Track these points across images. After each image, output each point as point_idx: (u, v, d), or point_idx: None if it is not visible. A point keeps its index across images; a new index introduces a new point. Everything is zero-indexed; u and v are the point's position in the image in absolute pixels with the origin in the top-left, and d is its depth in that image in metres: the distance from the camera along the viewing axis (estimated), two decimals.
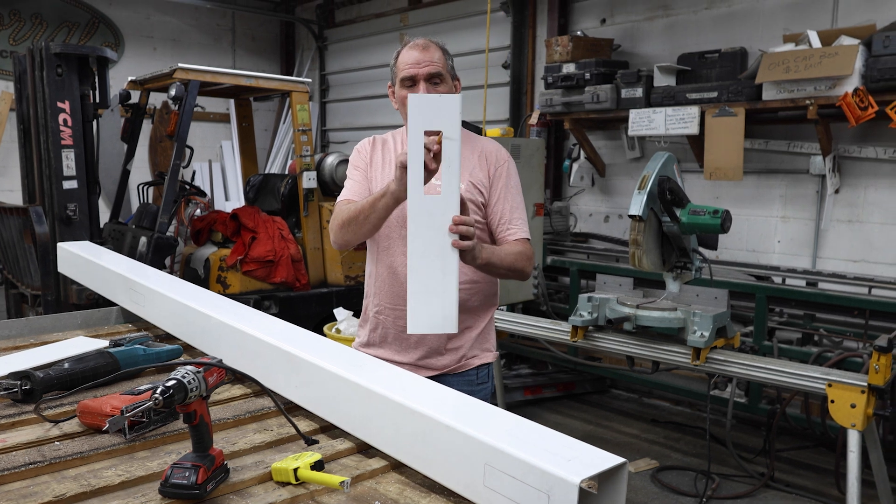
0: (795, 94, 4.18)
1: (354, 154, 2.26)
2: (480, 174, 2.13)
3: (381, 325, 2.17)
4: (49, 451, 1.42)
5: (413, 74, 2.07)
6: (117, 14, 7.95)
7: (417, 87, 2.06)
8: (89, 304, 4.19)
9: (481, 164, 2.14)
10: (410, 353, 2.14)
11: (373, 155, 2.21)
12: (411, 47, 2.11)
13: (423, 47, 2.10)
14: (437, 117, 1.76)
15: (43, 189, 4.58)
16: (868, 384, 2.60)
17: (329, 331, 4.76)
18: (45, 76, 4.41)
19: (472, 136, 2.21)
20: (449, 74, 2.12)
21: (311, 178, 5.43)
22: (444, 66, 2.10)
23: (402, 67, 2.10)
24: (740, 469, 4.08)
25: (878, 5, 4.36)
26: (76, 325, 2.48)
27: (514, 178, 2.18)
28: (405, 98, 2.06)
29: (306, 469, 1.32)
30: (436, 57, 2.09)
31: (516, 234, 2.13)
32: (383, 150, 2.21)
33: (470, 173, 2.12)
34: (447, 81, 2.12)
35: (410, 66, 2.07)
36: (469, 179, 2.11)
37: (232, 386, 1.84)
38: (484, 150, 2.17)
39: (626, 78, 5.00)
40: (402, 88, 2.10)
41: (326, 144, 8.78)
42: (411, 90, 2.06)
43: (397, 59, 2.14)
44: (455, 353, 2.15)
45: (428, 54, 2.08)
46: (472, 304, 2.14)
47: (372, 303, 2.22)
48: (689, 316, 2.91)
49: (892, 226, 4.40)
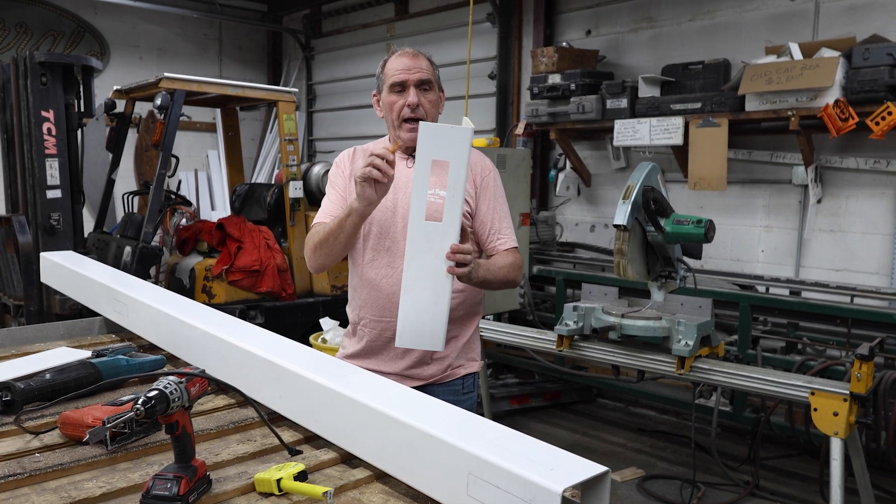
0: (778, 106, 4.23)
1: (333, 169, 2.25)
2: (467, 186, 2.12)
3: (366, 337, 2.16)
4: (29, 463, 1.40)
5: (403, 80, 2.08)
6: (103, 23, 7.92)
7: (407, 92, 2.07)
8: (72, 314, 4.15)
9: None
10: (396, 364, 2.13)
11: (352, 168, 2.19)
12: (401, 55, 2.12)
13: (413, 55, 2.12)
14: (447, 147, 1.79)
15: (26, 198, 4.54)
16: (850, 392, 2.62)
17: (315, 341, 4.74)
18: (28, 85, 4.38)
19: None
20: (436, 83, 2.14)
21: (298, 187, 5.42)
22: (432, 74, 2.13)
23: (390, 73, 2.10)
24: (726, 477, 4.09)
25: (858, 19, 4.43)
26: (58, 336, 2.45)
27: (499, 187, 2.20)
28: (393, 103, 2.09)
29: (289, 480, 1.32)
30: (424, 65, 2.11)
31: (505, 243, 2.15)
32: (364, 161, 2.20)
33: None
34: (435, 90, 2.13)
35: (400, 71, 2.08)
36: None
37: (216, 396, 1.83)
38: (473, 161, 2.16)
39: (612, 89, 5.04)
40: (391, 94, 2.11)
41: (313, 154, 8.78)
42: (400, 95, 2.08)
43: (385, 66, 2.15)
44: (441, 362, 2.15)
45: (417, 61, 2.10)
46: (458, 314, 2.13)
47: (356, 314, 2.21)
48: (674, 325, 2.93)
49: (873, 235, 4.45)
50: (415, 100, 2.08)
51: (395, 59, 2.12)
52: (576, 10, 5.96)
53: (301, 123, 8.57)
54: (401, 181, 2.10)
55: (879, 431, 3.32)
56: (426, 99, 2.10)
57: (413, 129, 2.06)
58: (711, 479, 4.13)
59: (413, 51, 2.14)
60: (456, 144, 1.78)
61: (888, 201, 4.37)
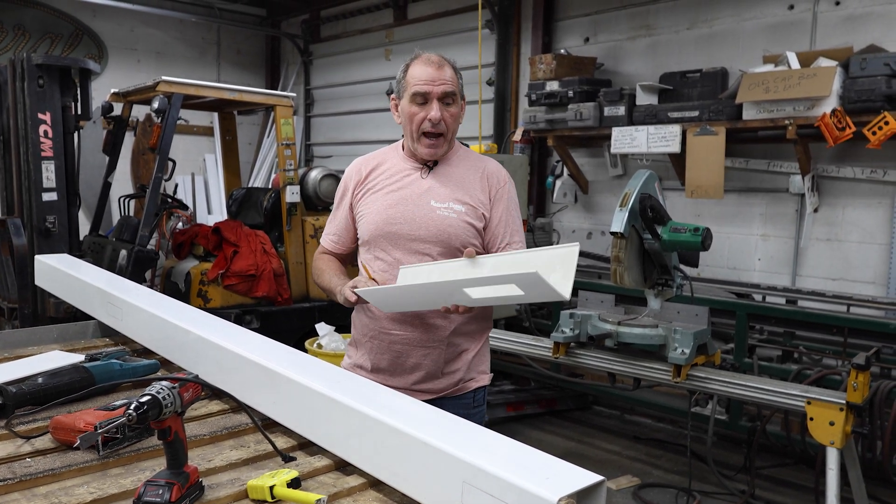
0: (775, 114, 4.24)
1: (343, 180, 2.19)
2: (482, 195, 2.08)
3: (374, 350, 2.11)
4: (20, 468, 1.39)
5: (427, 91, 1.98)
6: (101, 26, 7.92)
7: (430, 105, 1.98)
8: (67, 317, 4.12)
9: (482, 184, 2.10)
10: (406, 378, 2.08)
11: (366, 180, 2.14)
12: (425, 63, 2.01)
13: (438, 65, 2.00)
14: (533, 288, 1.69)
15: (22, 201, 4.53)
16: (846, 402, 2.62)
17: (311, 346, 4.72)
18: (25, 87, 4.37)
19: (473, 155, 2.18)
20: (459, 94, 2.06)
21: (295, 192, 5.41)
22: (456, 85, 2.03)
23: (413, 81, 2.00)
24: (721, 486, 4.08)
25: (855, 29, 4.45)
26: (52, 339, 2.44)
27: (514, 199, 2.15)
28: (413, 115, 2.01)
29: (283, 487, 1.31)
30: (449, 75, 2.01)
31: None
32: (378, 173, 2.14)
33: (470, 194, 2.07)
34: (458, 102, 2.05)
35: (425, 82, 1.98)
36: (468, 201, 2.06)
37: (209, 402, 1.82)
38: (486, 170, 2.12)
39: (609, 96, 5.05)
40: (412, 104, 2.01)
41: (310, 159, 8.77)
42: (421, 108, 1.99)
43: (407, 71, 2.04)
44: (452, 376, 2.11)
45: (443, 72, 2.00)
46: (469, 328, 2.11)
47: (360, 331, 2.16)
48: (670, 333, 2.92)
49: (870, 244, 4.46)
50: (437, 115, 1.99)
51: (420, 66, 2.01)
52: (574, 17, 5.97)
53: (299, 128, 8.57)
54: (414, 193, 2.05)
55: (875, 441, 3.31)
56: (448, 113, 2.01)
57: (433, 144, 2.02)
58: (707, 488, 4.12)
59: (439, 58, 2.02)
60: (547, 296, 1.67)
61: (885, 211, 4.38)
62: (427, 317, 2.03)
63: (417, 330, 2.04)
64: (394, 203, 2.06)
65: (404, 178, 2.09)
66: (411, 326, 2.04)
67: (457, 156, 2.14)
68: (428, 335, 2.05)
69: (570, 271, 1.62)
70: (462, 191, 2.06)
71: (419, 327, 2.04)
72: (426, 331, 2.05)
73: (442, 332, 2.06)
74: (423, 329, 2.04)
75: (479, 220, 2.06)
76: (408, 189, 2.07)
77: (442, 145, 2.05)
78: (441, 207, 2.02)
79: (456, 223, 2.02)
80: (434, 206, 2.02)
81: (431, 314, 2.02)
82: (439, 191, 2.05)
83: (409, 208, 2.04)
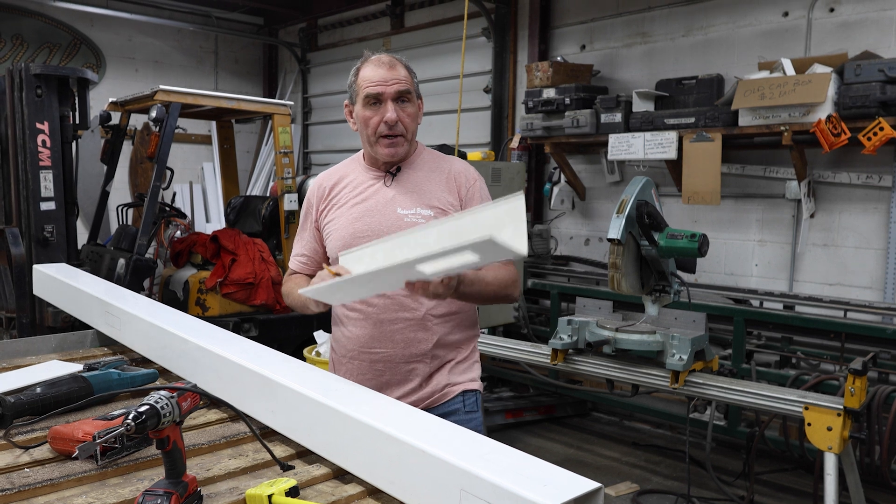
0: (770, 121, 4.26)
1: (306, 198, 2.13)
2: (449, 196, 2.00)
3: (355, 371, 2.03)
4: (18, 479, 1.39)
5: (379, 93, 1.91)
6: (99, 35, 7.94)
7: (384, 107, 1.91)
8: (65, 327, 4.13)
9: (449, 185, 2.02)
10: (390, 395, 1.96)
11: (329, 196, 2.07)
12: (376, 64, 1.94)
13: (390, 65, 1.94)
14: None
15: (20, 210, 4.53)
16: (844, 407, 2.62)
17: (309, 354, 4.72)
18: (24, 97, 4.39)
19: (437, 156, 2.11)
20: (415, 93, 1.99)
21: (293, 200, 5.42)
22: (411, 83, 1.96)
23: (364, 84, 1.93)
24: (720, 492, 4.08)
25: (850, 35, 4.47)
26: (50, 349, 2.44)
27: (486, 196, 2.05)
28: (368, 118, 1.94)
29: (281, 496, 1.31)
30: (402, 74, 1.95)
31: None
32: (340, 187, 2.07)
33: (437, 197, 1.99)
34: (414, 101, 1.98)
35: (377, 83, 1.91)
36: (436, 204, 1.98)
37: (208, 411, 1.82)
38: (452, 170, 2.04)
39: (606, 103, 5.07)
40: (366, 108, 1.94)
41: (308, 167, 8.79)
42: (375, 110, 1.92)
43: (357, 75, 1.97)
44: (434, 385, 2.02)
45: (395, 71, 1.93)
46: (453, 338, 2.04)
47: (339, 352, 2.10)
48: (668, 339, 2.93)
49: (866, 250, 4.47)
50: (393, 115, 1.91)
51: (370, 68, 1.94)
52: (570, 25, 6.00)
53: (296, 136, 8.59)
54: (379, 203, 1.98)
55: (873, 446, 3.32)
56: (405, 113, 1.94)
57: (392, 143, 1.94)
58: (706, 494, 4.11)
59: (389, 58, 1.96)
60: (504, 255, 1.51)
61: (880, 216, 4.39)
62: (408, 331, 1.97)
63: (399, 346, 1.97)
64: (359, 216, 1.99)
65: (368, 189, 2.02)
66: (392, 343, 1.98)
67: (420, 159, 2.07)
68: (409, 350, 1.97)
69: (520, 224, 1.52)
70: (428, 195, 1.98)
71: (400, 343, 1.98)
72: (408, 345, 1.98)
73: (425, 346, 1.99)
74: (404, 345, 1.98)
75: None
76: (372, 199, 2.00)
77: (402, 144, 1.97)
78: (408, 214, 1.95)
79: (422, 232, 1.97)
80: (401, 213, 1.95)
81: (411, 329, 1.96)
82: (404, 198, 1.98)
83: (374, 219, 1.97)
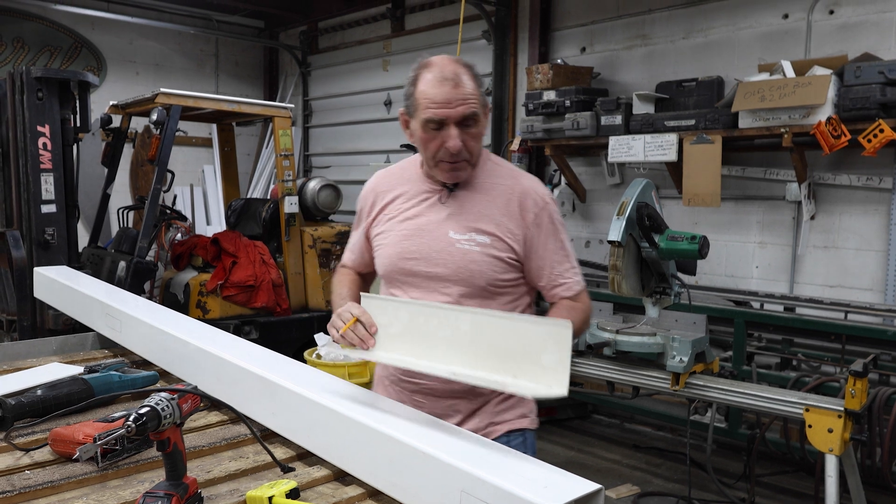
0: (771, 123, 4.26)
1: (360, 197, 1.94)
2: (511, 223, 1.76)
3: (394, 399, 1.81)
4: (19, 481, 1.39)
5: (443, 118, 1.65)
6: (100, 39, 7.95)
7: (447, 132, 1.66)
8: (66, 329, 4.12)
9: (511, 209, 1.77)
10: None
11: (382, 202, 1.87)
12: (438, 79, 1.65)
13: (454, 82, 1.64)
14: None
15: (21, 213, 4.53)
16: (845, 409, 2.62)
17: (310, 356, 4.72)
18: (25, 100, 4.39)
19: (503, 171, 1.83)
20: (481, 105, 1.71)
21: (293, 202, 5.42)
22: (478, 100, 1.69)
23: (425, 104, 1.66)
24: (721, 495, 4.08)
25: (850, 37, 4.47)
26: (51, 351, 2.45)
27: (556, 222, 1.80)
28: (427, 141, 1.70)
29: (281, 497, 1.31)
30: (469, 90, 1.66)
31: (569, 288, 1.79)
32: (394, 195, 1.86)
33: (496, 222, 1.75)
34: (481, 120, 1.71)
35: (440, 105, 1.64)
36: (494, 231, 1.75)
37: (208, 413, 1.82)
38: (518, 190, 1.78)
39: (606, 105, 5.07)
40: (426, 130, 1.69)
41: (309, 169, 8.79)
42: (437, 133, 1.67)
43: (416, 87, 1.69)
44: (476, 421, 1.81)
45: (460, 90, 1.65)
46: None
47: (381, 370, 1.93)
48: (669, 341, 2.93)
49: (867, 251, 4.47)
50: (457, 144, 1.66)
51: (431, 83, 1.66)
52: (570, 27, 6.00)
53: (297, 139, 8.59)
54: (431, 222, 1.78)
55: (874, 448, 3.31)
56: (470, 136, 1.69)
57: (454, 168, 1.72)
58: (707, 496, 4.11)
59: (454, 68, 1.66)
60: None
61: (881, 218, 4.39)
62: None
63: (440, 378, 1.65)
64: (409, 233, 1.80)
65: (421, 203, 1.81)
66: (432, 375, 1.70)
67: (484, 172, 1.81)
68: (450, 384, 1.68)
69: (564, 356, 1.35)
70: (486, 218, 1.75)
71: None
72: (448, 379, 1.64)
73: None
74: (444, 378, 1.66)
75: (508, 252, 1.75)
76: (424, 217, 1.79)
77: (465, 169, 1.75)
78: (461, 240, 1.74)
79: (479, 258, 1.73)
80: (453, 238, 1.74)
81: None
82: (459, 219, 1.76)
83: (424, 240, 1.77)
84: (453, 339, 1.44)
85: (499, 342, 1.38)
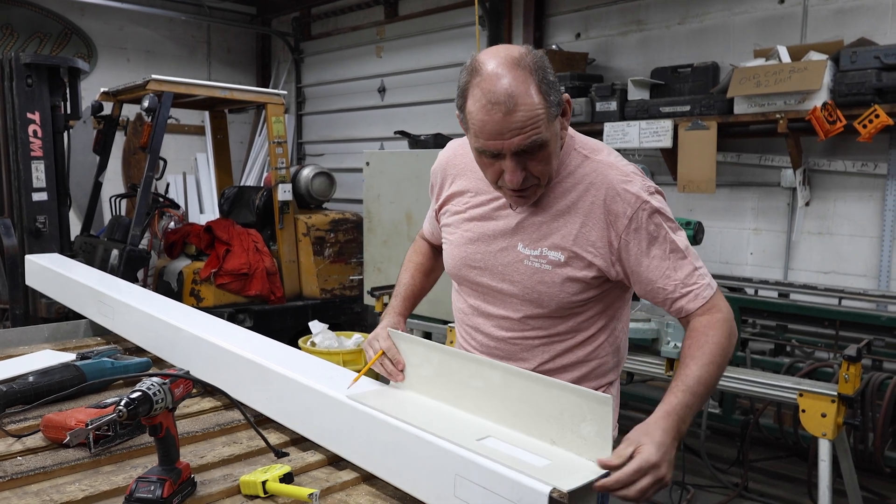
0: (766, 108, 4.25)
1: (434, 170, 1.74)
2: (593, 234, 1.46)
3: None
4: (11, 467, 1.39)
5: (494, 151, 1.37)
6: (90, 25, 7.88)
7: (505, 162, 1.37)
8: (59, 317, 4.11)
9: (595, 217, 1.46)
10: None
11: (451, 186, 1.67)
12: (489, 107, 1.32)
13: (507, 108, 1.31)
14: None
15: (12, 201, 4.51)
16: (838, 394, 2.63)
17: (304, 344, 4.72)
18: (14, 87, 4.35)
19: (588, 170, 1.50)
20: (550, 119, 1.37)
21: (287, 190, 5.41)
22: (542, 122, 1.34)
23: (474, 130, 1.37)
24: (715, 480, 4.10)
25: (845, 22, 4.46)
26: (43, 339, 2.43)
27: (658, 222, 1.45)
28: (485, 166, 1.44)
29: (275, 482, 1.31)
30: (525, 115, 1.32)
31: (696, 296, 1.47)
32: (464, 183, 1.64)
33: (577, 235, 1.47)
34: (551, 144, 1.39)
35: (489, 137, 1.35)
36: (570, 247, 1.47)
37: (202, 399, 1.81)
38: (607, 195, 1.45)
39: (601, 91, 5.05)
40: (480, 158, 1.43)
41: (302, 157, 8.76)
42: (494, 161, 1.40)
43: (465, 97, 1.38)
44: None
45: (514, 118, 1.32)
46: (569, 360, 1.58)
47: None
48: (663, 327, 2.93)
49: (861, 238, 4.48)
50: (517, 178, 1.38)
51: (481, 109, 1.34)
52: (565, 13, 5.97)
53: (290, 126, 8.55)
54: (499, 229, 1.55)
55: (867, 433, 3.33)
56: (535, 161, 1.39)
57: (521, 196, 1.46)
58: (701, 482, 4.13)
59: (506, 94, 1.31)
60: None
61: (875, 204, 4.40)
62: (513, 355, 1.59)
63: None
64: (475, 237, 1.58)
65: (491, 203, 1.57)
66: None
67: (566, 169, 1.51)
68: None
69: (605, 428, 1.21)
70: (563, 231, 1.48)
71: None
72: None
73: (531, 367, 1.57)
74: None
75: (587, 270, 1.47)
76: (493, 222, 1.56)
77: (533, 195, 1.47)
78: (531, 256, 1.50)
79: (550, 279, 1.48)
80: (522, 252, 1.51)
81: (518, 352, 1.59)
82: (532, 230, 1.51)
83: (490, 249, 1.55)
84: (487, 391, 1.37)
85: (533, 401, 1.30)
